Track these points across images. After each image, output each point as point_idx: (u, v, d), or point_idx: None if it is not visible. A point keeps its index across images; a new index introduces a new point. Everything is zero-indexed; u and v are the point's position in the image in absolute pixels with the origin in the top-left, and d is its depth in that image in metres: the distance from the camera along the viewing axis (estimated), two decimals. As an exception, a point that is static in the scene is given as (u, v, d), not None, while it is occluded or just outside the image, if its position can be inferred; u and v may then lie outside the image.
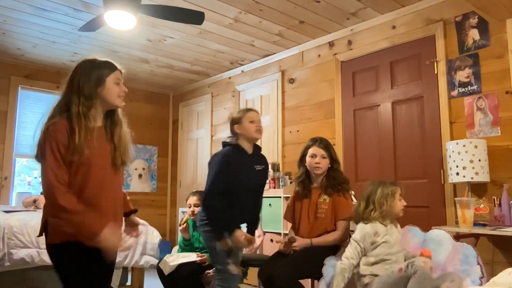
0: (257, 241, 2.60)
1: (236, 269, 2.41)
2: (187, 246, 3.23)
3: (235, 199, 2.43)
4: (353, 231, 3.09)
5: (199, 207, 3.25)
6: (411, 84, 3.50)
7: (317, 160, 2.61)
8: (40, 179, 2.66)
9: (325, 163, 2.63)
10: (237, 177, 2.43)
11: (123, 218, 1.92)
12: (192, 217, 3.29)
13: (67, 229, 1.60)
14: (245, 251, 2.53)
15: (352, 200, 2.73)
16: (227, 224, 2.39)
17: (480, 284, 1.93)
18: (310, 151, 2.65)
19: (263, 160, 2.61)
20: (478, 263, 2.05)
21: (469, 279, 1.99)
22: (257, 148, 2.62)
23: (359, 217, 2.32)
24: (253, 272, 3.07)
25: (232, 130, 2.56)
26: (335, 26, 3.96)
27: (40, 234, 1.73)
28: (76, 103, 1.67)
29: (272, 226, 3.98)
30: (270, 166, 4.35)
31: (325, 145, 2.66)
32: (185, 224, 3.21)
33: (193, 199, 3.28)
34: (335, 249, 2.53)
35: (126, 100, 1.84)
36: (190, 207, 3.27)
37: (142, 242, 2.99)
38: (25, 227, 2.72)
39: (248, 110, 2.58)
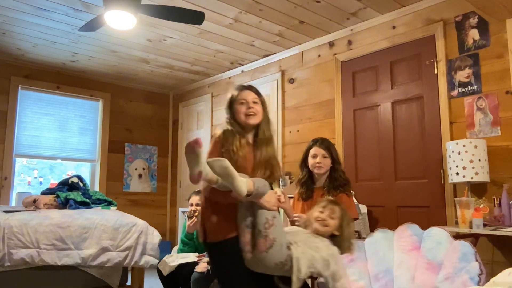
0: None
1: None
2: (190, 241, 3.20)
3: None
4: (358, 231, 3.09)
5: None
6: (411, 84, 3.50)
7: (318, 160, 2.60)
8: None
9: (326, 163, 2.62)
10: None
11: None
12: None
13: None
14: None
15: (354, 200, 2.74)
16: None
17: (479, 281, 1.93)
18: (312, 151, 2.65)
19: None
20: (476, 260, 2.05)
21: (467, 276, 1.99)
22: None
23: None
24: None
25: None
26: (335, 26, 3.96)
27: None
28: None
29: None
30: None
31: (326, 145, 2.66)
32: (195, 219, 3.10)
33: (195, 199, 3.24)
34: None
35: (126, 100, 1.84)
36: (191, 205, 3.24)
37: (142, 242, 2.98)
38: (25, 227, 2.72)
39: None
